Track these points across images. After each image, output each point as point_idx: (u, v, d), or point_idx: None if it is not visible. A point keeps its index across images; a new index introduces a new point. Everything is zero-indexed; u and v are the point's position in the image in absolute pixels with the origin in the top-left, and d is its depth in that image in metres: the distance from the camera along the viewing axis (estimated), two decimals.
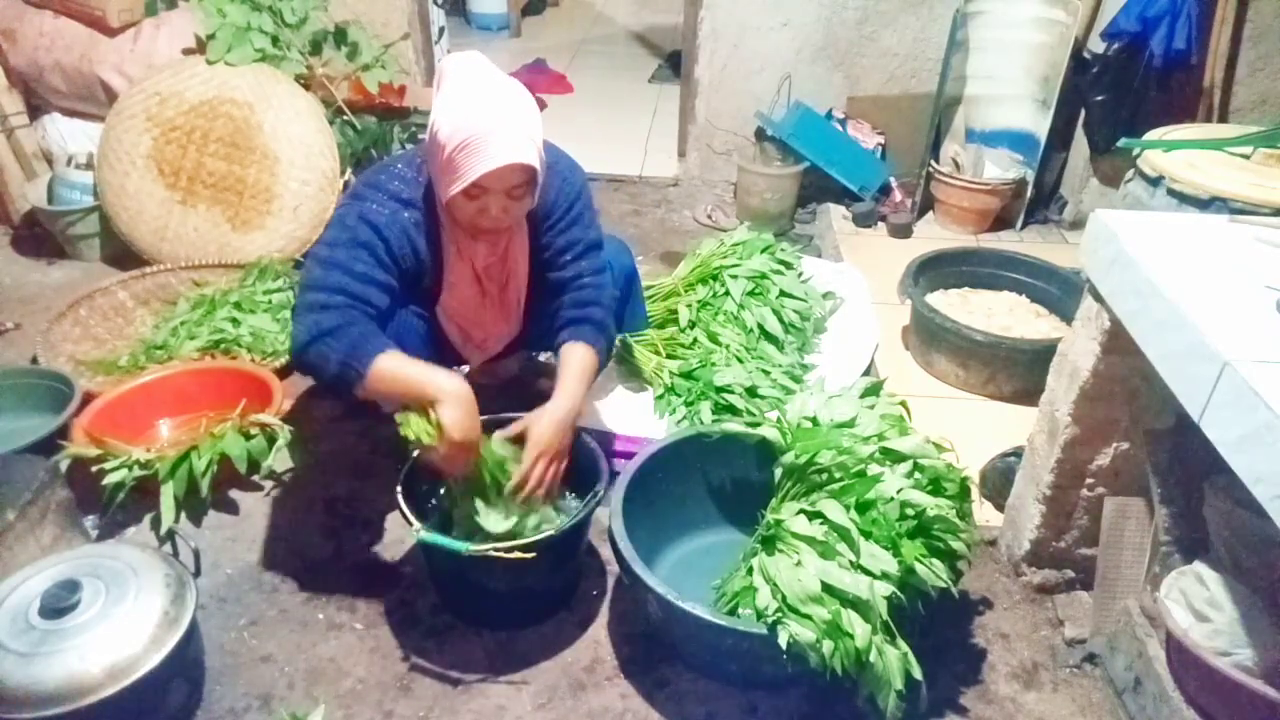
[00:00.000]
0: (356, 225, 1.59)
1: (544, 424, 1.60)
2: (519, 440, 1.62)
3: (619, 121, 4.56)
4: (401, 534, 1.89)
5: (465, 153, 1.49)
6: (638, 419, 2.18)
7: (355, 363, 1.49)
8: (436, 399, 1.48)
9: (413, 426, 1.50)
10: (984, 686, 1.61)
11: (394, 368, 1.50)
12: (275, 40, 2.96)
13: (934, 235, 3.40)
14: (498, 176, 1.51)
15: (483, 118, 1.49)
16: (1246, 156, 1.98)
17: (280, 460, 1.97)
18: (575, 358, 1.71)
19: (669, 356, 2.27)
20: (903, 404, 1.64)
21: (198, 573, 1.58)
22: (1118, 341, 1.46)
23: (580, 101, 4.86)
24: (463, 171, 1.50)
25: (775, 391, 2.16)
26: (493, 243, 1.77)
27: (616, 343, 2.34)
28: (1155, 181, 2.00)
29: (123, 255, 2.91)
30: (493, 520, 1.57)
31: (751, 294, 2.38)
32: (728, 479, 1.81)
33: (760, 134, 3.50)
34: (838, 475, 1.48)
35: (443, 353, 1.87)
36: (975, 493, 1.59)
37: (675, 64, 4.53)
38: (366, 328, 1.53)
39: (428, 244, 1.69)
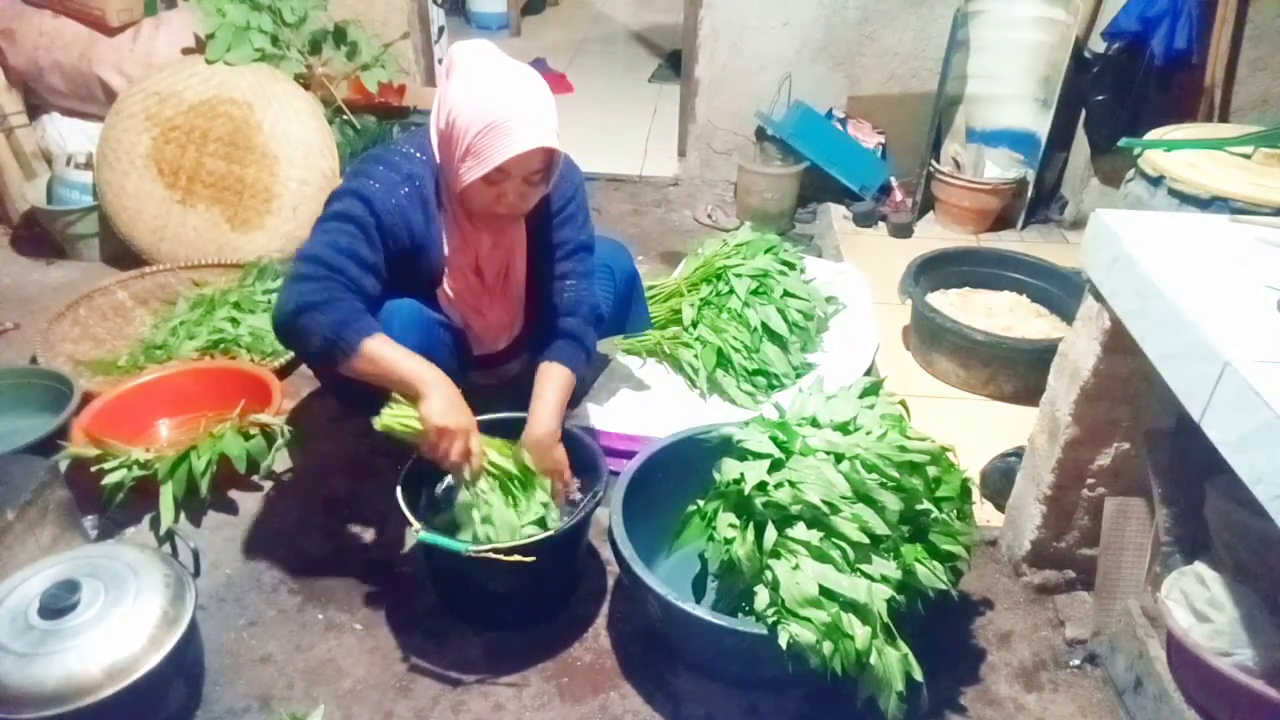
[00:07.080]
0: (349, 201, 1.58)
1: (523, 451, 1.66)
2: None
3: (619, 121, 4.56)
4: (401, 534, 1.89)
5: (490, 137, 1.49)
6: (638, 419, 2.18)
7: (344, 339, 1.48)
8: (418, 387, 1.48)
9: (394, 414, 1.49)
10: (984, 687, 1.61)
11: (383, 352, 1.49)
12: (275, 40, 2.96)
13: (934, 235, 3.40)
14: (521, 161, 1.52)
15: (506, 102, 1.49)
16: (1247, 156, 1.97)
17: (280, 460, 1.97)
18: (550, 380, 1.72)
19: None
20: (902, 403, 1.64)
21: (197, 573, 1.58)
22: (1118, 341, 1.46)
23: (580, 101, 4.85)
24: (487, 156, 1.50)
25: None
26: (499, 233, 1.76)
27: (620, 340, 2.35)
28: (1156, 181, 2.00)
29: (122, 255, 2.91)
30: (500, 515, 1.55)
31: (755, 293, 2.38)
32: None
33: (760, 133, 3.50)
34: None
35: (455, 344, 1.84)
36: (975, 493, 1.58)
37: (675, 63, 4.52)
38: (354, 306, 1.52)
39: (427, 224, 1.67)
